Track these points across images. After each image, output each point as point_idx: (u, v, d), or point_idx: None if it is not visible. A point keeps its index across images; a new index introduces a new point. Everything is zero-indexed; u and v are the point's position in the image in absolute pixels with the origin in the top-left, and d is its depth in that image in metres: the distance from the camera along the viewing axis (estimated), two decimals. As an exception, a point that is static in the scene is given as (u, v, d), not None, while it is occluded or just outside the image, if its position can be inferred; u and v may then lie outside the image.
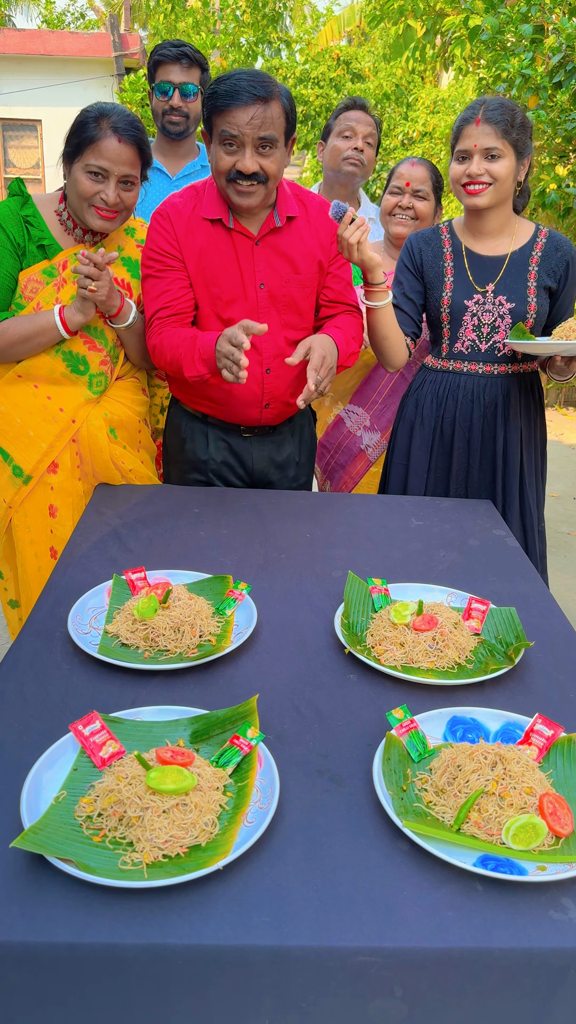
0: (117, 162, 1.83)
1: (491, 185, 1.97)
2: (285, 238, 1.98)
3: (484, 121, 1.93)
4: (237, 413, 2.09)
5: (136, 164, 1.88)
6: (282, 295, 1.99)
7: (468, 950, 0.89)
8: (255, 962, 0.88)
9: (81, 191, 1.85)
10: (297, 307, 2.02)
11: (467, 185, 1.98)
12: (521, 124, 1.95)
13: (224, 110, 1.76)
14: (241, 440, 2.15)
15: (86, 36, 11.68)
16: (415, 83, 9.49)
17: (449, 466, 2.20)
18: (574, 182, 4.25)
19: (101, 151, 1.82)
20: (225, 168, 1.83)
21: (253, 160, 1.80)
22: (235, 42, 11.22)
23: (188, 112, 2.63)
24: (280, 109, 1.80)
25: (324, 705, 1.27)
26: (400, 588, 1.58)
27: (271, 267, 1.98)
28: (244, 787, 1.07)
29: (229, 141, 1.79)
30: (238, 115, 1.75)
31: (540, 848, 1.00)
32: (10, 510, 1.98)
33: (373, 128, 2.75)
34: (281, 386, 2.06)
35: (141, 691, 1.28)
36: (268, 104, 1.77)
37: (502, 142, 1.93)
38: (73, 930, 0.88)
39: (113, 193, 1.85)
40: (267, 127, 1.77)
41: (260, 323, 1.79)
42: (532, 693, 1.32)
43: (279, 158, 1.85)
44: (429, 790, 1.08)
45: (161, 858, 0.96)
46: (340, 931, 0.89)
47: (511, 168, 1.97)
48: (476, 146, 1.94)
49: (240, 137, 1.77)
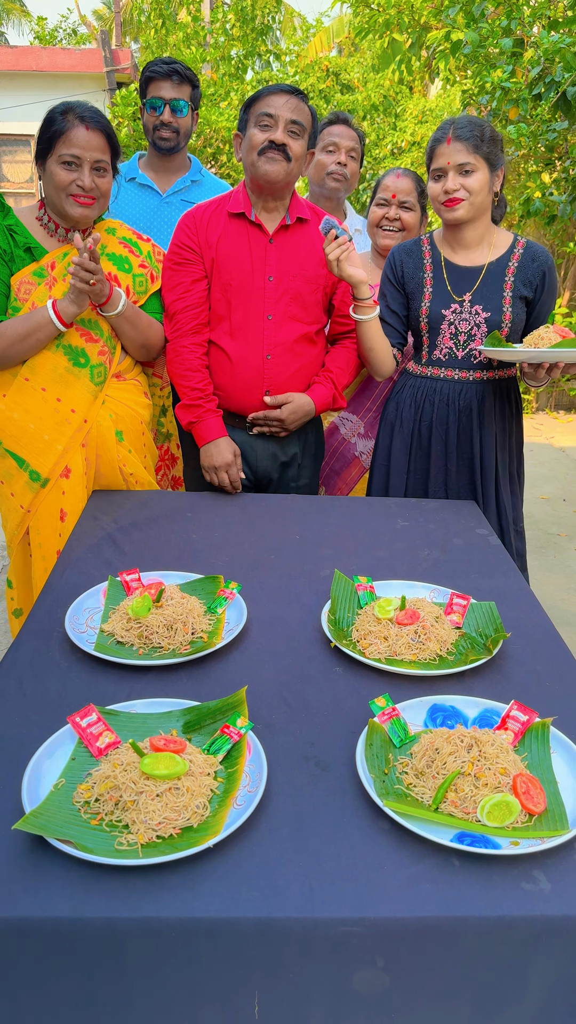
0: (87, 148, 1.94)
1: (467, 199, 2.04)
2: (295, 237, 2.19)
3: (455, 139, 2.01)
4: (239, 399, 2.24)
5: (106, 150, 1.98)
6: (288, 288, 2.18)
7: (444, 919, 0.95)
8: (244, 933, 0.93)
9: (57, 182, 1.96)
10: (303, 301, 2.20)
11: (445, 202, 2.06)
12: (491, 138, 2.03)
13: (263, 96, 2.05)
14: (247, 438, 2.28)
15: (78, 52, 11.80)
16: (403, 93, 9.61)
17: (428, 467, 2.27)
18: (558, 190, 4.34)
19: (71, 140, 1.93)
20: (259, 142, 2.05)
21: (284, 134, 2.04)
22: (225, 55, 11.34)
23: (178, 128, 2.66)
24: (309, 113, 2.09)
25: (311, 696, 1.33)
26: (385, 585, 1.64)
27: (281, 262, 2.17)
28: (234, 772, 1.12)
29: (265, 121, 2.03)
30: (275, 99, 2.03)
31: (514, 825, 1.05)
32: (28, 515, 2.04)
33: (356, 142, 2.83)
34: (283, 374, 2.22)
35: (136, 686, 1.34)
36: (301, 100, 2.06)
37: (474, 156, 2.01)
38: (72, 905, 0.93)
39: (88, 178, 1.95)
40: (298, 114, 2.04)
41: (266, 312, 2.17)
42: (510, 682, 1.38)
43: (303, 146, 2.09)
44: (409, 773, 1.13)
45: (155, 839, 1.01)
46: (324, 903, 0.95)
47: (485, 181, 2.04)
48: (449, 163, 2.02)
49: (275, 116, 2.03)
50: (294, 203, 2.19)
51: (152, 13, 12.50)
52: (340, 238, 1.99)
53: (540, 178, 4.75)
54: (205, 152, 8.41)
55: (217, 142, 8.45)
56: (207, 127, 8.23)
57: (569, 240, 6.50)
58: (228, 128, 8.31)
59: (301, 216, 2.18)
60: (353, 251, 2.04)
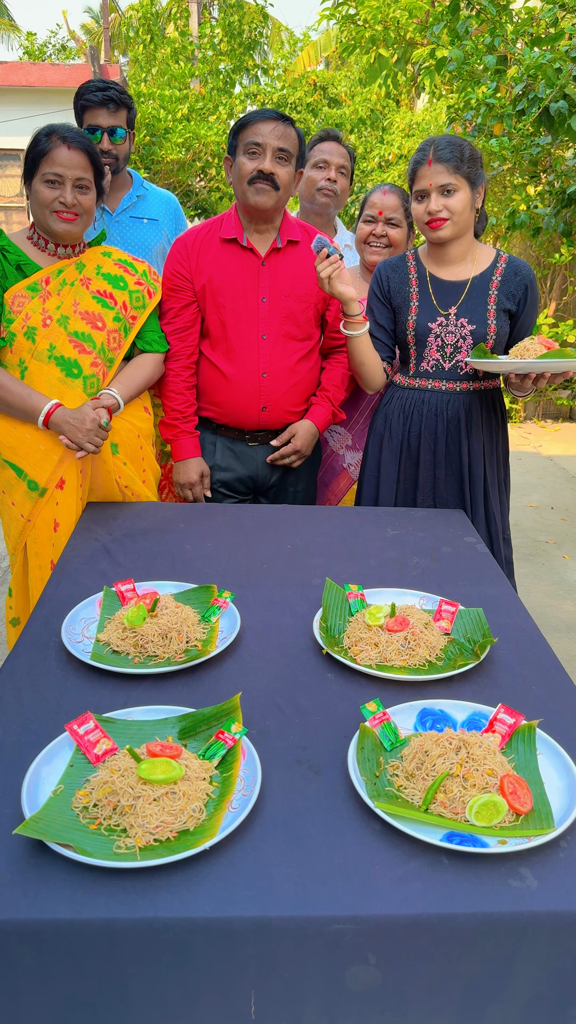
0: (69, 167, 2.00)
1: (450, 219, 2.10)
2: (287, 258, 2.27)
3: (436, 160, 2.06)
4: (237, 416, 2.34)
5: (88, 168, 2.04)
6: (281, 307, 2.27)
7: (434, 916, 0.97)
8: (239, 931, 0.96)
9: (41, 200, 2.03)
10: (295, 319, 2.28)
11: (429, 223, 2.11)
12: (470, 157, 2.08)
13: (250, 124, 2.12)
14: (246, 448, 2.38)
15: (67, 67, 11.89)
16: (390, 107, 9.72)
17: (416, 477, 2.31)
18: (543, 203, 4.41)
19: (54, 159, 2.00)
20: (247, 172, 2.13)
21: (271, 163, 2.12)
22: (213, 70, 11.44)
23: (117, 154, 2.60)
24: (295, 137, 2.16)
25: (303, 702, 1.36)
26: (375, 593, 1.68)
27: (273, 284, 2.25)
28: (229, 777, 1.15)
29: (253, 149, 2.12)
30: (262, 126, 2.11)
31: (501, 824, 1.08)
32: (28, 524, 2.07)
33: (346, 159, 2.88)
34: (279, 391, 2.31)
35: (132, 694, 1.37)
36: (287, 126, 2.13)
37: (455, 177, 2.06)
38: (72, 908, 0.96)
39: (70, 195, 2.01)
40: (285, 141, 2.12)
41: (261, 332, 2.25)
42: (497, 686, 1.41)
43: (290, 172, 2.16)
44: (400, 775, 1.16)
45: (152, 842, 1.04)
46: (317, 901, 0.98)
47: (467, 200, 2.09)
48: (431, 184, 2.07)
49: (263, 144, 2.11)
50: (285, 224, 2.27)
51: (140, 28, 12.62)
52: (332, 256, 2.05)
53: (525, 191, 4.83)
54: (194, 166, 8.49)
55: (206, 156, 8.53)
56: (196, 141, 8.31)
57: (554, 252, 6.59)
58: (217, 142, 8.39)
59: (292, 238, 2.26)
60: (344, 269, 2.08)
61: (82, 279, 2.13)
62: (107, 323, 2.14)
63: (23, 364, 2.05)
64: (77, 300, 2.11)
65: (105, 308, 2.14)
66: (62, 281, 2.10)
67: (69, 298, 2.10)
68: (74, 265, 2.14)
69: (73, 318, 2.09)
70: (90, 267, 2.16)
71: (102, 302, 2.14)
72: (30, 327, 2.04)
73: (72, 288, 2.11)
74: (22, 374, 2.05)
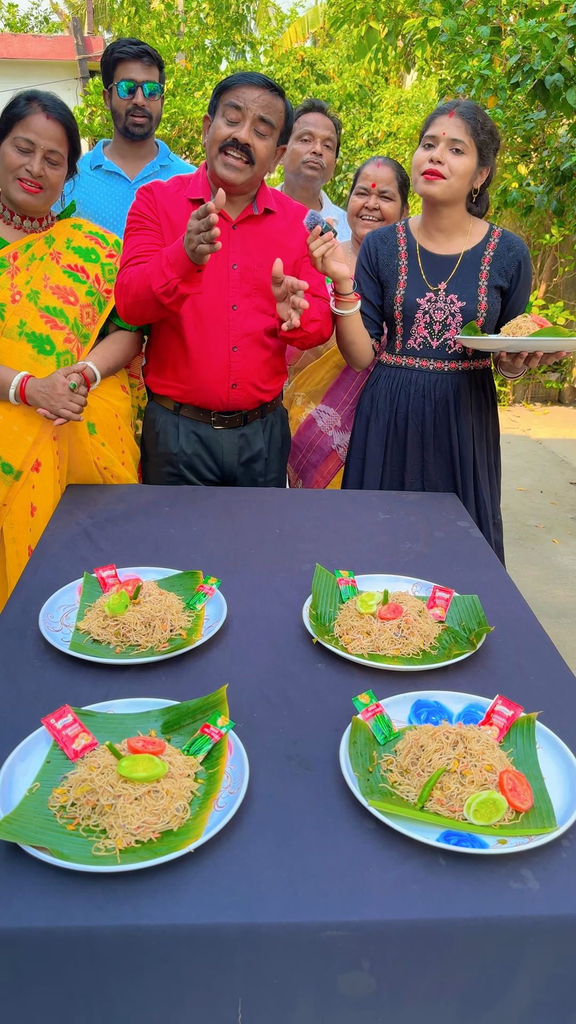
0: (43, 136, 1.91)
1: (448, 178, 2.02)
2: (261, 227, 2.10)
3: (457, 115, 2.00)
4: (205, 393, 2.15)
5: (63, 143, 1.95)
6: (253, 278, 2.10)
7: (432, 921, 0.92)
8: (226, 940, 0.91)
9: (8, 163, 1.93)
10: (267, 292, 2.10)
11: (426, 172, 2.03)
12: (490, 131, 2.02)
13: (235, 86, 1.91)
14: (212, 432, 2.20)
15: (49, 39, 11.64)
16: (379, 84, 9.58)
17: (404, 459, 2.25)
18: (535, 181, 4.33)
19: (28, 125, 1.91)
20: (221, 137, 1.93)
21: (250, 133, 1.92)
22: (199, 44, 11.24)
23: (151, 112, 2.58)
24: (283, 109, 1.97)
25: (293, 693, 1.30)
26: (367, 579, 1.62)
27: (245, 250, 2.08)
28: (214, 773, 1.09)
29: (232, 115, 1.91)
30: (247, 91, 1.90)
31: (500, 823, 1.03)
32: (4, 508, 2.00)
33: (332, 131, 2.79)
34: (249, 367, 2.14)
35: (113, 685, 1.30)
36: (275, 96, 1.93)
37: (468, 138, 1.99)
38: (48, 915, 0.90)
39: (38, 165, 1.92)
40: (269, 111, 1.92)
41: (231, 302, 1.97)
42: (493, 676, 1.36)
43: (270, 147, 1.98)
44: (394, 771, 1.11)
45: (134, 843, 0.98)
46: (308, 907, 0.92)
47: (470, 167, 2.02)
48: (444, 134, 2.01)
49: (244, 110, 1.90)
50: (261, 193, 2.11)
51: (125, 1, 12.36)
52: (326, 234, 1.95)
53: (516, 169, 4.75)
54: (179, 143, 8.33)
55: (192, 132, 8.37)
56: (181, 117, 8.15)
57: (545, 232, 6.52)
58: (202, 118, 8.24)
59: (268, 207, 2.10)
60: (338, 246, 2.00)
61: (52, 253, 2.05)
62: (79, 297, 2.06)
63: None
64: (47, 275, 2.03)
65: (77, 282, 2.06)
66: (31, 256, 2.02)
67: (39, 273, 2.02)
68: (43, 239, 2.06)
69: (44, 293, 2.01)
70: (60, 240, 2.08)
71: (73, 276, 2.06)
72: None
73: (42, 263, 2.03)
74: None
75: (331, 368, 2.67)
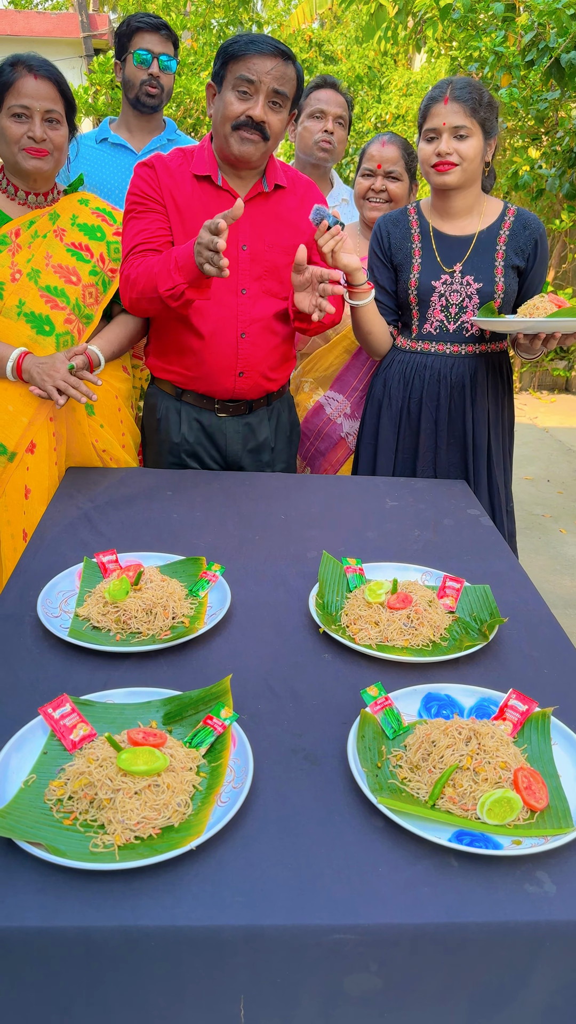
0: (37, 97, 1.86)
1: (459, 165, 1.96)
2: (272, 205, 2.01)
3: (452, 100, 1.92)
4: (210, 381, 2.06)
5: (57, 100, 1.90)
6: (264, 259, 2.00)
7: (444, 925, 0.89)
8: (229, 942, 0.87)
9: (9, 136, 1.88)
10: (278, 274, 2.01)
11: (436, 165, 1.97)
12: (488, 103, 1.95)
13: (244, 55, 1.78)
14: (215, 420, 2.11)
15: (54, 16, 11.50)
16: (387, 65, 9.44)
17: (416, 446, 2.20)
18: (546, 163, 4.25)
19: (20, 90, 1.86)
20: (234, 114, 1.83)
21: (264, 110, 1.82)
22: (206, 24, 11.08)
23: (164, 84, 2.54)
24: (295, 75, 1.84)
25: (299, 685, 1.26)
26: (375, 568, 1.58)
27: (255, 230, 1.99)
28: (217, 767, 1.05)
29: (244, 88, 1.80)
30: (259, 62, 1.78)
31: (515, 822, 0.99)
32: None
33: (344, 108, 2.72)
34: (257, 354, 2.05)
35: (113, 674, 1.26)
36: (287, 63, 1.81)
37: (470, 120, 1.92)
38: (43, 914, 0.86)
39: (39, 129, 1.87)
40: (283, 82, 1.81)
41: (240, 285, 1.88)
42: (506, 669, 1.31)
43: (284, 118, 1.88)
44: (404, 766, 1.07)
45: (133, 840, 0.94)
46: (315, 909, 0.89)
47: (479, 147, 1.96)
48: (445, 124, 1.94)
49: (257, 84, 1.79)
50: (270, 168, 2.00)
51: (131, -22, 12.18)
52: (333, 228, 1.86)
53: (527, 153, 4.66)
54: (185, 122, 8.22)
55: (197, 112, 8.26)
56: (187, 97, 8.03)
57: (556, 217, 6.42)
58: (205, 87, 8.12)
59: (279, 183, 2.00)
60: (346, 239, 1.94)
61: (56, 230, 1.99)
62: (82, 277, 2.01)
63: None
64: (50, 253, 1.97)
65: (80, 261, 2.01)
66: (33, 233, 1.97)
67: (41, 251, 1.96)
68: (47, 215, 2.00)
69: (45, 272, 1.96)
70: (65, 217, 2.02)
71: (77, 255, 2.01)
72: None
73: (44, 240, 1.98)
74: None
75: (340, 353, 2.61)
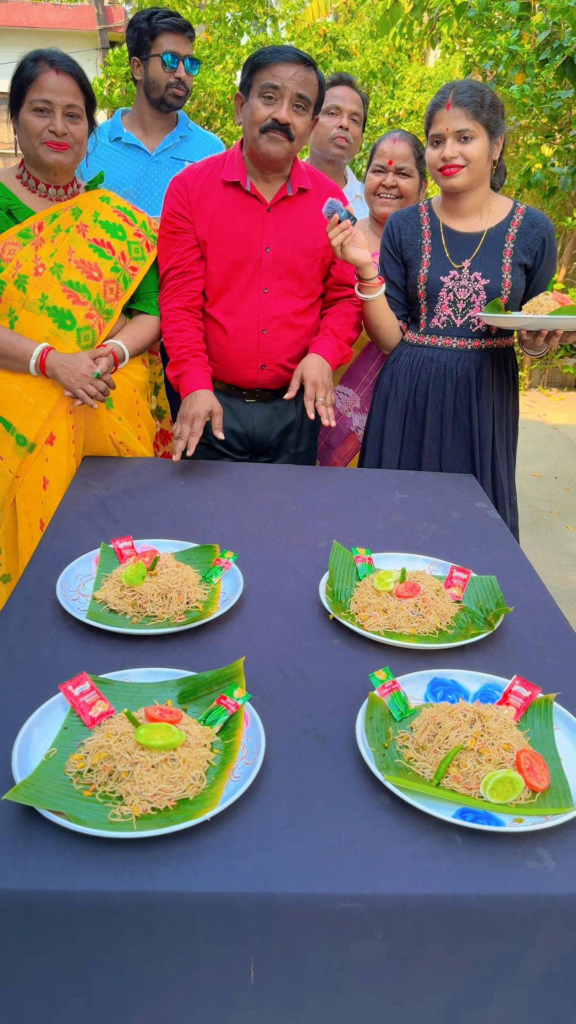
0: (58, 92, 1.90)
1: (465, 167, 2.00)
2: (295, 208, 2.12)
3: (454, 104, 1.96)
4: (234, 373, 2.21)
5: (78, 95, 1.94)
6: (286, 261, 2.12)
7: (447, 896, 0.92)
8: (241, 908, 0.91)
9: (31, 130, 1.92)
10: (299, 275, 2.14)
11: (443, 169, 2.01)
12: (491, 104, 1.98)
13: (269, 64, 1.93)
14: (243, 404, 2.25)
15: (70, 8, 11.50)
16: (402, 61, 9.42)
17: (422, 438, 2.24)
18: (559, 161, 4.26)
19: (42, 85, 1.89)
20: (261, 118, 1.96)
21: (289, 112, 1.95)
22: (220, 17, 11.07)
23: (188, 87, 2.56)
24: (316, 80, 1.98)
25: (309, 668, 1.30)
26: (384, 557, 1.61)
27: (279, 233, 2.11)
28: (231, 744, 1.09)
29: (270, 93, 1.94)
30: (282, 69, 1.92)
31: (517, 802, 1.03)
32: (16, 480, 1.99)
33: (359, 105, 2.75)
34: (277, 348, 2.17)
35: (129, 655, 1.30)
36: (309, 70, 1.95)
37: (473, 123, 1.96)
38: (64, 879, 0.90)
39: (60, 123, 1.91)
40: (305, 87, 1.95)
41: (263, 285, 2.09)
42: (511, 657, 1.35)
43: (307, 121, 2.01)
44: (410, 747, 1.11)
45: (150, 811, 0.98)
46: (324, 879, 0.92)
47: (484, 148, 1.99)
48: (448, 129, 1.98)
49: (281, 89, 1.93)
50: (295, 172, 2.11)
51: (146, -30, 12.17)
52: (343, 222, 1.95)
53: (540, 150, 4.67)
54: (199, 116, 8.24)
55: (211, 106, 8.27)
56: (201, 91, 8.04)
57: (567, 215, 6.43)
58: (223, 92, 8.13)
59: (303, 186, 2.12)
60: (357, 233, 1.99)
61: (78, 226, 2.03)
62: (104, 273, 2.04)
63: (13, 314, 1.96)
64: (72, 248, 2.01)
65: (102, 258, 2.04)
66: (56, 227, 2.00)
67: (64, 245, 2.00)
68: (70, 210, 2.03)
69: (68, 267, 1.99)
70: (87, 213, 2.05)
71: (99, 251, 2.04)
72: (21, 275, 1.94)
73: (67, 235, 2.01)
74: (11, 324, 1.96)
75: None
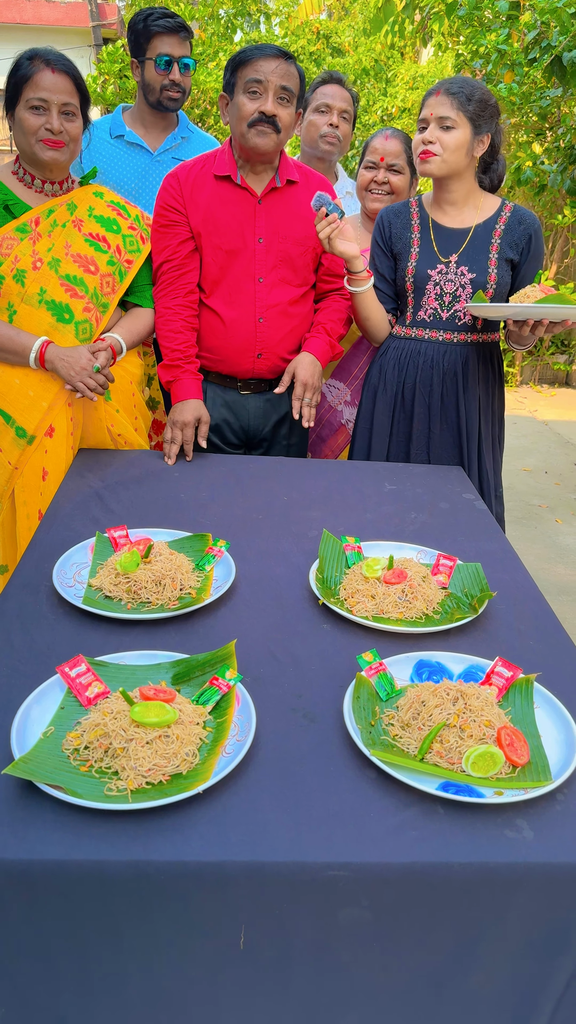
0: (54, 91, 1.93)
1: (439, 155, 2.04)
2: (285, 199, 2.18)
3: (444, 93, 2.02)
4: (231, 363, 2.25)
5: (73, 94, 1.97)
6: (278, 250, 2.18)
7: (429, 864, 0.97)
8: (232, 876, 0.95)
9: (27, 128, 1.95)
10: (292, 263, 2.20)
11: (420, 153, 2.06)
12: (480, 100, 2.02)
13: (251, 60, 1.99)
14: (238, 396, 2.29)
15: (63, 5, 11.50)
16: (395, 59, 9.46)
17: (410, 430, 2.28)
18: (549, 159, 4.31)
19: (37, 84, 1.92)
20: (248, 112, 2.02)
21: (274, 104, 2.01)
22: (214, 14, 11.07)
23: (184, 88, 2.58)
24: (297, 75, 2.05)
25: (299, 651, 1.34)
26: (372, 546, 1.65)
27: (270, 224, 2.16)
28: (223, 722, 1.13)
29: (254, 88, 2.00)
30: (264, 64, 1.99)
31: (497, 776, 1.07)
32: (16, 471, 2.02)
33: (349, 103, 2.78)
34: (274, 337, 2.22)
35: (124, 639, 1.34)
36: (289, 64, 2.02)
37: (457, 113, 2.00)
38: (62, 849, 0.94)
39: (56, 121, 1.94)
40: (287, 79, 2.01)
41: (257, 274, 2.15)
42: (494, 640, 1.39)
43: (292, 113, 2.06)
44: (396, 725, 1.15)
45: (144, 785, 1.02)
46: (312, 848, 0.96)
47: (464, 141, 2.03)
48: (432, 115, 2.03)
49: (265, 83, 1.99)
50: (283, 164, 2.17)
51: (139, -33, 12.16)
52: (331, 216, 2.00)
53: (530, 148, 4.72)
54: (192, 113, 8.25)
55: (205, 103, 8.29)
56: (195, 88, 8.06)
57: (558, 212, 6.48)
58: (216, 89, 8.14)
59: (291, 178, 2.17)
60: (345, 226, 2.03)
61: (74, 220, 2.06)
62: (100, 267, 2.08)
63: (12, 308, 1.99)
64: (69, 242, 2.04)
65: (98, 251, 2.08)
66: (52, 222, 2.03)
67: (61, 240, 2.03)
68: (65, 205, 2.06)
69: (65, 261, 2.03)
70: (82, 208, 2.09)
71: (95, 245, 2.07)
72: (20, 270, 1.97)
73: (64, 230, 2.04)
74: (11, 318, 1.99)
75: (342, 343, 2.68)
